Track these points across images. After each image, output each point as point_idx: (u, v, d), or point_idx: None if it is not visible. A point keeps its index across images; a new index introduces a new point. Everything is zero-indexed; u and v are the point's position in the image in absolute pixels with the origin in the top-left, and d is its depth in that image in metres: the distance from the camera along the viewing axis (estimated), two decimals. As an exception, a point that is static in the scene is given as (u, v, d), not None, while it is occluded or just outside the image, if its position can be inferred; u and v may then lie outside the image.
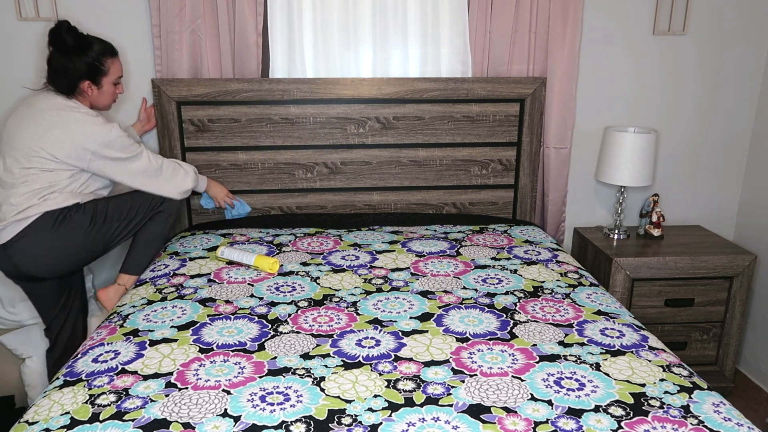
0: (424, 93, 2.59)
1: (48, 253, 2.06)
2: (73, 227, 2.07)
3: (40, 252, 2.05)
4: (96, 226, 2.11)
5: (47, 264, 2.08)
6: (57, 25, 2.08)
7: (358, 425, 1.35)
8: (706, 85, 2.81)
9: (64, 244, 2.07)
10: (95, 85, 2.14)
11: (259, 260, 2.16)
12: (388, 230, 2.57)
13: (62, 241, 2.06)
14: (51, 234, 2.04)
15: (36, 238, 2.03)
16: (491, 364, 1.59)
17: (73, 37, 2.08)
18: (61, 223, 2.05)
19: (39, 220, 2.02)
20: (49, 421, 1.38)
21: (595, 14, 2.67)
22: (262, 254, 2.25)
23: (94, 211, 2.12)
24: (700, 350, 2.72)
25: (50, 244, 2.05)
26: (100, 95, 2.17)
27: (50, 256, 2.07)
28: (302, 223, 2.62)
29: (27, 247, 2.03)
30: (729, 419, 1.39)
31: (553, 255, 2.34)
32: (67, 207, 2.06)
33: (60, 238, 2.05)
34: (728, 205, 2.99)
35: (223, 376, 1.54)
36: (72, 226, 2.06)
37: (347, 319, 1.83)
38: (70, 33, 2.08)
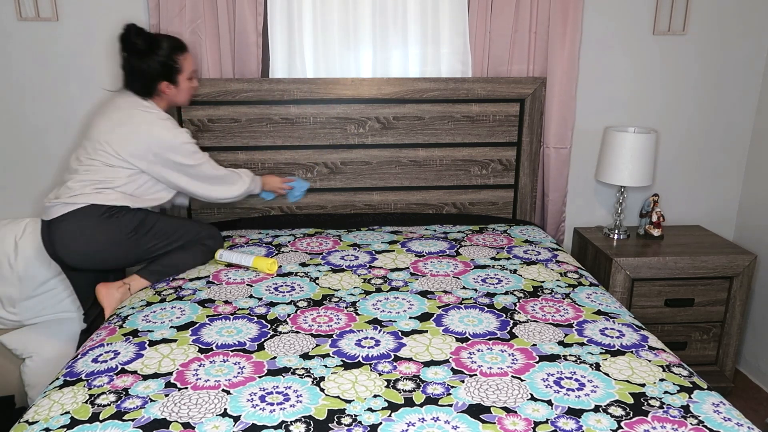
0: (424, 93, 2.59)
1: (82, 242, 2.05)
2: (114, 227, 2.06)
3: (75, 238, 2.04)
4: (137, 235, 2.10)
5: (77, 252, 2.07)
6: (125, 29, 2.08)
7: (358, 425, 1.35)
8: (706, 85, 2.81)
9: (99, 240, 2.05)
10: (172, 84, 2.15)
11: (257, 261, 2.16)
12: (388, 230, 2.57)
13: (99, 236, 2.05)
14: (91, 226, 2.03)
15: (77, 224, 2.03)
16: (491, 364, 1.59)
17: (142, 39, 2.09)
18: (106, 219, 2.04)
19: (85, 209, 2.03)
20: (50, 421, 1.38)
21: (595, 14, 2.66)
22: (260, 255, 2.25)
23: (142, 222, 2.11)
24: (700, 350, 2.72)
25: (87, 234, 2.04)
26: (178, 93, 2.18)
27: (83, 246, 2.05)
28: (302, 223, 2.62)
29: (66, 229, 2.03)
30: (729, 419, 1.39)
31: (552, 255, 2.34)
32: (116, 206, 2.06)
33: (98, 233, 2.04)
34: (728, 205, 2.99)
35: (223, 376, 1.54)
36: (114, 225, 2.06)
37: (346, 319, 1.83)
38: (139, 36, 2.08)
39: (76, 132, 2.58)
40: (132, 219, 2.08)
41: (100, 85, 2.54)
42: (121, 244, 2.08)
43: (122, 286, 2.07)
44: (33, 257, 2.43)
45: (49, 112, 2.55)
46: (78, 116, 2.57)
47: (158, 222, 2.16)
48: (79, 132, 2.56)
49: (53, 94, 2.54)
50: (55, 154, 2.60)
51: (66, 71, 2.52)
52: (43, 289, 2.46)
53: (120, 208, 2.07)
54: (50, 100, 2.54)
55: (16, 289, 2.44)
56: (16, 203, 2.65)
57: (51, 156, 2.61)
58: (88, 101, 2.55)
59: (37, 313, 2.47)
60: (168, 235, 2.16)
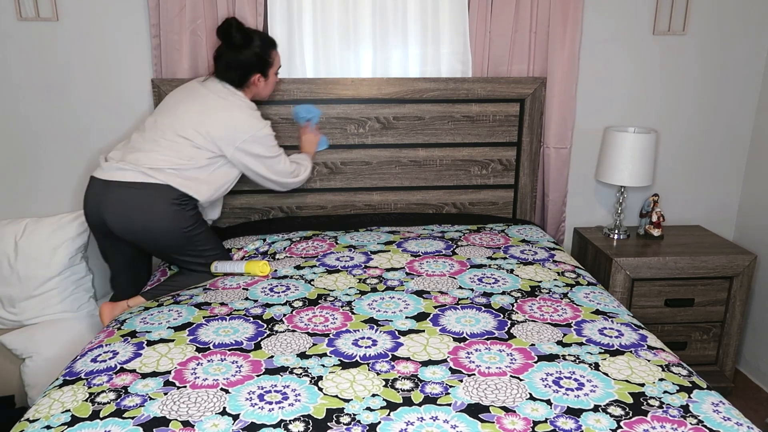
0: (424, 93, 2.59)
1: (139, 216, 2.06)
2: (176, 216, 2.08)
3: (134, 209, 2.05)
4: (188, 233, 2.13)
5: (128, 223, 2.07)
6: (226, 23, 2.17)
7: (357, 424, 1.35)
8: (706, 85, 2.81)
9: (157, 221, 2.07)
10: (264, 77, 2.25)
11: (249, 266, 2.17)
12: (385, 230, 2.57)
13: (159, 218, 2.06)
14: (156, 205, 2.05)
15: (143, 197, 2.05)
16: (489, 363, 1.59)
17: (241, 34, 2.17)
18: (172, 205, 2.07)
19: (159, 186, 2.06)
20: (50, 419, 1.38)
21: (595, 14, 2.66)
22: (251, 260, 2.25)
23: (197, 223, 2.15)
24: (700, 350, 2.72)
25: (147, 211, 2.06)
26: (266, 86, 2.28)
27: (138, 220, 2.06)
28: (299, 226, 2.60)
29: (129, 196, 2.05)
30: (728, 419, 1.39)
31: (549, 254, 2.34)
32: (187, 196, 2.10)
33: (159, 215, 2.06)
34: (728, 205, 2.99)
35: (221, 375, 1.54)
36: (176, 214, 2.08)
37: (342, 318, 1.83)
38: (239, 30, 2.17)
39: (76, 132, 2.59)
40: (192, 216, 2.14)
41: (100, 86, 2.55)
42: (172, 233, 2.10)
43: (122, 306, 2.11)
44: (33, 257, 2.43)
45: (49, 112, 2.56)
46: (78, 116, 2.57)
47: (207, 232, 2.21)
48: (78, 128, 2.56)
49: (53, 95, 2.54)
50: (54, 154, 2.61)
51: (66, 71, 2.52)
52: (43, 289, 2.46)
53: (189, 199, 2.12)
54: (50, 100, 2.54)
55: (16, 289, 2.44)
56: (16, 203, 2.65)
57: (50, 156, 2.61)
58: (88, 101, 2.56)
59: (37, 313, 2.47)
60: (206, 249, 2.20)
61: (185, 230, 2.12)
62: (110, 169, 2.09)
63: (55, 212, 2.66)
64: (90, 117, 2.58)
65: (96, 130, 2.60)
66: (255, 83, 2.24)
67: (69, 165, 2.63)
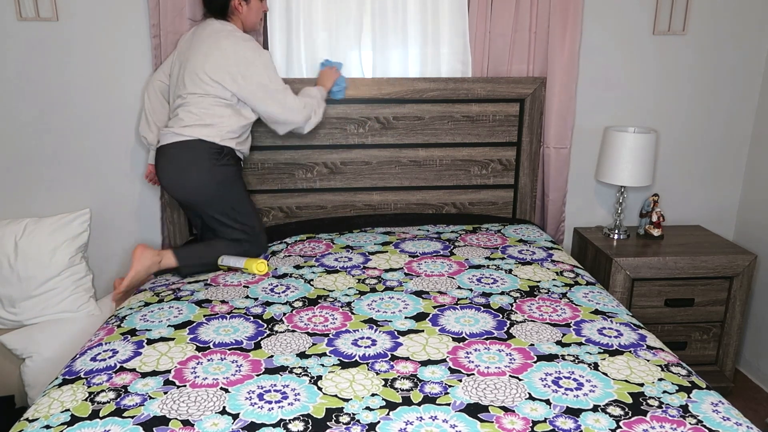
0: (423, 93, 2.59)
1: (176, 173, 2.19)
2: (212, 169, 2.19)
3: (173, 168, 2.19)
4: (224, 187, 2.22)
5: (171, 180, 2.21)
6: None
7: (356, 424, 1.35)
8: (706, 85, 2.81)
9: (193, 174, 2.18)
10: (245, 0, 2.27)
11: (248, 263, 2.19)
12: (380, 231, 2.57)
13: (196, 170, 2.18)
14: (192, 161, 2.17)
15: (180, 155, 2.18)
16: (488, 363, 1.59)
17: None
18: (205, 160, 2.18)
19: (192, 143, 2.17)
20: (50, 418, 1.38)
21: (595, 14, 2.66)
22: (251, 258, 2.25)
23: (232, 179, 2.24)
24: (700, 350, 2.72)
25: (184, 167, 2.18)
26: (249, 12, 2.30)
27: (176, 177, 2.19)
28: (292, 231, 2.58)
29: (170, 156, 2.19)
30: (728, 419, 1.39)
31: (548, 254, 2.34)
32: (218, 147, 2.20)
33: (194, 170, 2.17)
34: (728, 205, 2.99)
35: (221, 374, 1.54)
36: (213, 168, 2.19)
37: (342, 318, 1.84)
38: None
39: (76, 132, 2.59)
40: (228, 171, 2.22)
41: (100, 85, 2.55)
42: (208, 188, 2.20)
43: (156, 256, 2.18)
44: (33, 257, 2.44)
45: (49, 111, 2.56)
46: (78, 116, 2.57)
47: (244, 196, 2.30)
48: (51, 127, 2.56)
49: (53, 94, 2.54)
50: (54, 154, 2.61)
51: (66, 71, 2.52)
52: (43, 289, 2.46)
53: (220, 152, 2.20)
54: (50, 100, 2.55)
55: (16, 289, 2.44)
56: (16, 203, 2.65)
57: (51, 156, 2.61)
58: (88, 101, 2.56)
59: (37, 313, 2.47)
60: (241, 211, 2.28)
61: (220, 184, 2.20)
62: (161, 136, 2.24)
63: (55, 212, 2.66)
64: (90, 117, 2.58)
65: (96, 129, 2.60)
66: (237, 8, 2.26)
67: (69, 165, 2.63)
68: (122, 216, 2.72)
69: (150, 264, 2.16)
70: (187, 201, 2.25)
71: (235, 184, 2.26)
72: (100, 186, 2.68)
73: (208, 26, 2.26)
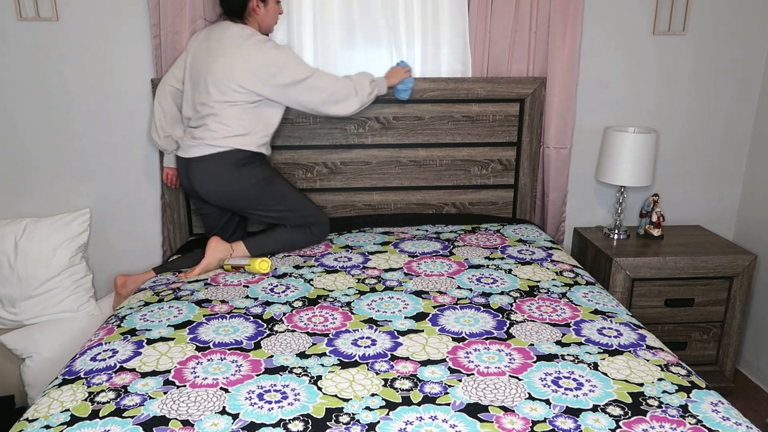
0: (424, 93, 2.59)
1: (216, 183, 2.24)
2: (246, 174, 2.24)
3: (211, 179, 2.23)
4: (260, 187, 2.27)
5: (211, 190, 2.25)
6: None
7: (356, 423, 1.35)
8: (706, 85, 2.81)
9: (230, 183, 2.23)
10: (262, 2, 2.26)
11: (252, 261, 2.19)
12: (379, 231, 2.57)
13: (231, 180, 2.23)
14: (226, 170, 2.22)
15: (214, 166, 2.21)
16: (488, 363, 1.59)
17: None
18: (240, 167, 2.23)
19: (225, 153, 2.20)
20: (50, 418, 1.38)
21: (595, 14, 2.66)
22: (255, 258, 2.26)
23: (268, 178, 2.29)
24: (699, 350, 2.72)
25: (221, 177, 2.22)
26: (266, 14, 2.29)
27: (216, 186, 2.24)
28: None
29: (204, 169, 2.23)
30: (727, 418, 1.39)
31: (547, 254, 2.34)
32: (250, 153, 2.24)
33: (231, 178, 2.23)
34: (728, 205, 2.99)
35: (221, 374, 1.54)
36: (246, 173, 2.24)
37: (342, 318, 1.84)
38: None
39: (76, 132, 2.59)
40: (261, 172, 2.28)
41: (100, 85, 2.55)
42: (245, 190, 2.25)
43: (228, 248, 2.26)
44: (33, 257, 2.44)
45: (49, 111, 2.56)
46: (78, 116, 2.57)
47: (283, 186, 2.34)
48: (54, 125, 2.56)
49: (53, 94, 2.54)
50: (55, 154, 2.61)
51: (66, 71, 2.52)
52: (43, 289, 2.46)
53: (254, 157, 2.26)
54: (50, 100, 2.55)
55: (16, 289, 2.45)
56: (16, 203, 2.65)
57: (51, 156, 2.61)
58: (88, 101, 2.56)
59: (37, 313, 2.47)
60: (287, 200, 2.33)
61: (258, 184, 2.26)
62: (185, 147, 2.26)
63: (55, 212, 2.66)
64: (90, 117, 2.59)
65: (96, 129, 2.60)
66: (255, 10, 2.25)
67: (69, 165, 2.63)
68: (122, 216, 2.72)
69: (222, 256, 2.24)
70: (231, 207, 2.33)
71: (272, 178, 2.31)
72: (100, 186, 2.68)
73: (227, 30, 2.23)
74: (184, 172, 2.29)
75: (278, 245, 2.34)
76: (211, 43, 2.25)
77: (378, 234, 2.53)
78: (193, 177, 2.25)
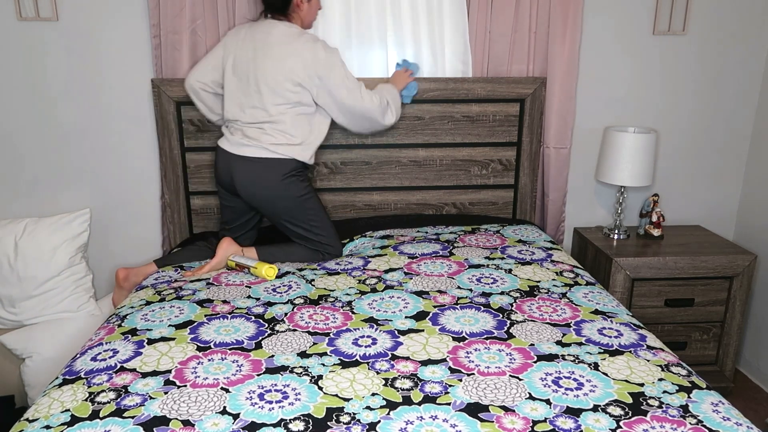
0: (424, 93, 2.59)
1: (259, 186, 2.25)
2: (292, 185, 2.26)
3: (254, 182, 2.25)
4: (300, 201, 2.29)
5: (251, 191, 2.26)
6: None
7: (357, 423, 1.35)
8: (706, 85, 2.81)
9: (276, 189, 2.24)
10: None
11: (259, 265, 2.18)
12: (378, 236, 2.54)
13: (278, 187, 2.24)
14: (273, 178, 2.23)
15: (262, 171, 2.23)
16: (488, 363, 1.59)
17: None
18: (291, 176, 2.26)
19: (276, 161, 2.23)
20: (50, 419, 1.38)
21: (595, 14, 2.67)
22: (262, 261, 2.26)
23: (308, 194, 2.31)
24: (700, 350, 2.72)
25: (265, 183, 2.24)
26: (309, 10, 2.30)
27: (258, 189, 2.25)
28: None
29: (252, 170, 2.23)
30: (728, 419, 1.39)
31: (547, 254, 2.33)
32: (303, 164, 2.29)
33: (274, 185, 2.24)
34: (728, 205, 2.99)
35: (221, 374, 1.54)
36: (293, 184, 2.26)
37: (343, 318, 1.84)
38: None
39: (76, 131, 2.59)
40: (305, 188, 2.31)
41: (100, 85, 2.55)
42: (289, 200, 2.27)
43: (239, 251, 2.28)
44: (33, 257, 2.44)
45: (49, 112, 2.56)
46: (78, 116, 2.57)
47: (318, 207, 2.36)
48: (50, 132, 2.56)
49: (53, 94, 2.54)
50: (55, 154, 2.61)
51: (66, 71, 2.52)
52: (43, 289, 2.46)
53: (304, 168, 2.31)
54: (50, 100, 2.55)
55: (16, 289, 2.45)
56: (16, 203, 2.65)
57: (51, 156, 2.61)
58: (88, 101, 2.56)
59: (37, 313, 2.47)
60: (316, 221, 2.33)
61: (299, 198, 2.28)
62: (235, 143, 2.25)
63: (55, 212, 2.66)
64: (90, 117, 2.58)
65: (96, 129, 2.60)
66: (299, 5, 2.25)
67: (69, 165, 2.63)
68: (122, 216, 2.72)
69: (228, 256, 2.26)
70: (263, 210, 2.33)
71: (311, 196, 2.33)
72: (100, 186, 2.68)
73: (273, 29, 2.22)
74: (226, 165, 2.28)
75: (287, 259, 2.33)
76: (256, 43, 2.23)
77: (377, 239, 2.52)
78: (238, 173, 2.25)
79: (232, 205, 2.40)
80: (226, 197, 2.40)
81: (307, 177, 2.35)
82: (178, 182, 2.60)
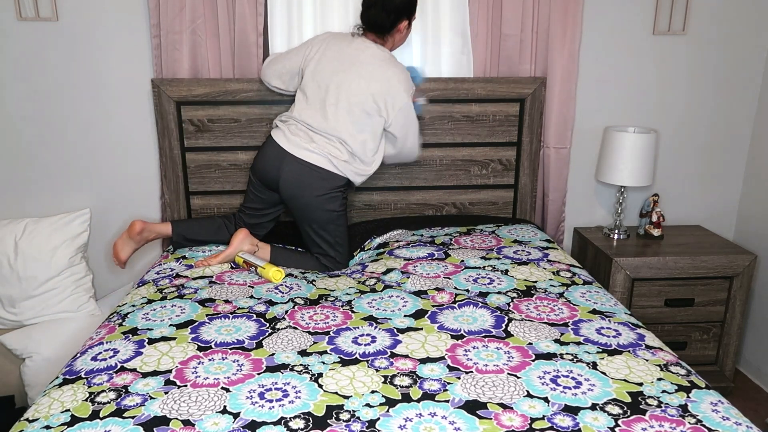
0: (424, 93, 2.59)
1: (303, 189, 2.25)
2: (335, 200, 2.29)
3: (302, 185, 2.25)
4: (335, 216, 2.31)
5: (295, 192, 2.26)
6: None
7: (356, 421, 1.35)
8: (706, 85, 2.81)
9: (319, 198, 2.26)
10: (409, 23, 2.30)
11: (267, 266, 2.16)
12: (375, 245, 2.50)
13: (323, 197, 2.26)
14: (320, 187, 2.25)
15: (312, 178, 2.24)
16: (487, 361, 1.60)
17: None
18: (338, 191, 2.29)
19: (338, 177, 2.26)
20: (50, 419, 1.38)
21: (595, 14, 2.67)
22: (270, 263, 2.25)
23: (344, 212, 2.35)
24: (700, 350, 2.72)
25: (311, 189, 2.25)
26: (405, 34, 2.33)
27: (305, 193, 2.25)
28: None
29: (302, 174, 2.24)
30: (727, 418, 1.39)
31: (544, 254, 2.33)
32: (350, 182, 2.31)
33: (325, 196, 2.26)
34: (728, 205, 2.99)
35: (222, 373, 1.54)
36: (336, 199, 2.29)
37: (342, 317, 1.84)
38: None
39: (76, 132, 2.60)
40: (344, 204, 2.34)
41: (100, 85, 2.55)
42: (325, 212, 2.29)
43: (254, 245, 2.29)
44: (33, 257, 2.44)
45: (49, 111, 2.57)
46: (78, 116, 2.58)
47: (345, 226, 2.37)
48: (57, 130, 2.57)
49: (53, 94, 2.55)
50: (54, 154, 2.62)
51: (66, 71, 2.53)
52: (43, 289, 2.46)
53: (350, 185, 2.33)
54: (50, 100, 2.55)
55: (16, 289, 2.45)
56: (16, 203, 2.66)
57: (51, 156, 2.62)
58: (88, 101, 2.57)
59: (37, 313, 2.47)
60: (340, 237, 2.35)
61: (336, 213, 2.31)
62: (297, 145, 2.25)
63: (55, 212, 2.66)
64: (90, 116, 2.59)
65: (96, 129, 2.61)
66: (400, 30, 2.27)
67: (69, 165, 2.64)
68: (122, 216, 2.73)
69: (248, 249, 2.27)
70: (295, 210, 2.32)
71: (345, 214, 2.36)
72: (100, 186, 2.68)
73: (366, 49, 2.25)
74: (276, 160, 2.27)
75: (297, 266, 2.32)
76: (344, 57, 2.25)
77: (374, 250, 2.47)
78: (288, 172, 2.25)
79: (263, 196, 2.40)
80: (258, 188, 2.39)
81: (347, 196, 2.38)
82: (178, 182, 2.61)
